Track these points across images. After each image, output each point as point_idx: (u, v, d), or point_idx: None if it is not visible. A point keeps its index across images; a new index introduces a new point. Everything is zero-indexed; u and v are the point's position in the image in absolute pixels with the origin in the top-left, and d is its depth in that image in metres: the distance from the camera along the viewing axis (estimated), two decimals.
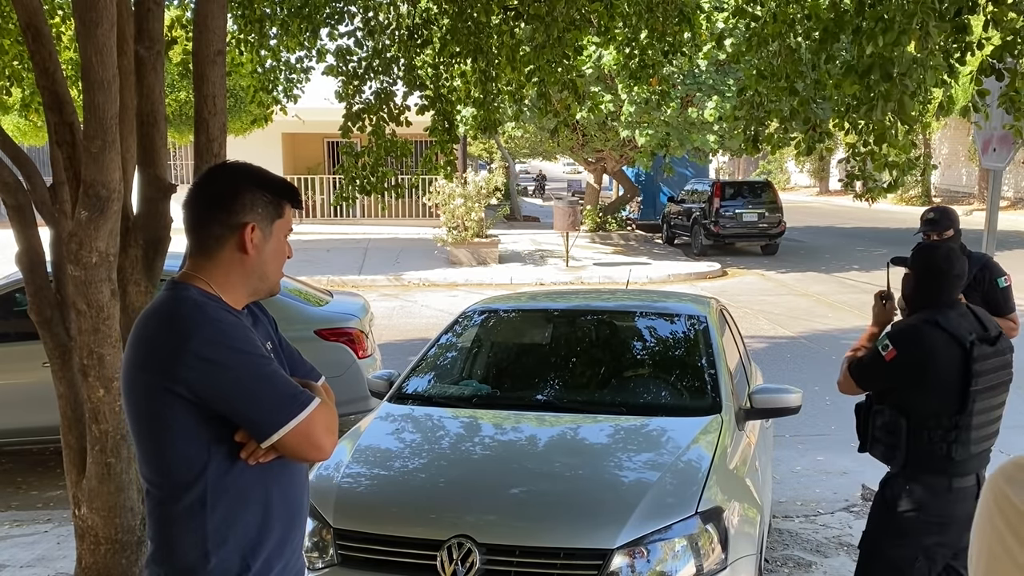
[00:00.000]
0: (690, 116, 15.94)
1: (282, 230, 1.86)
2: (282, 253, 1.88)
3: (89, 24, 2.77)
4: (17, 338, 5.87)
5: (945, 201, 30.58)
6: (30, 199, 3.46)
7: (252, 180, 1.85)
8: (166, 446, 1.75)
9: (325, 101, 7.23)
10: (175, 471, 1.76)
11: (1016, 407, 4.20)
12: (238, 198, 1.81)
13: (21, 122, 14.19)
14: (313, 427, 1.75)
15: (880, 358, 3.00)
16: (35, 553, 4.74)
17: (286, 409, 1.72)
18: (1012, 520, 0.95)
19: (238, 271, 1.82)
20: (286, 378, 1.76)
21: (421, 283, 14.84)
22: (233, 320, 1.76)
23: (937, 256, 3.09)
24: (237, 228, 1.79)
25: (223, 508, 1.76)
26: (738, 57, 5.53)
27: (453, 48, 6.05)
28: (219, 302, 1.78)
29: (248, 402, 1.71)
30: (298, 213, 10.53)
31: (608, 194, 28.03)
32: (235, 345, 1.72)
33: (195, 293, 1.77)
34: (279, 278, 1.90)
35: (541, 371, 4.34)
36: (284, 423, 1.71)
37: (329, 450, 1.80)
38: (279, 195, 1.85)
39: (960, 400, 2.92)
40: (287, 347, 2.02)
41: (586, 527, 2.85)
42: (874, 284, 12.36)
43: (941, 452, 2.94)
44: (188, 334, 1.69)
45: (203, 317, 1.72)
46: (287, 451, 1.76)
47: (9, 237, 3.52)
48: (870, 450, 3.18)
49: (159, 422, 1.74)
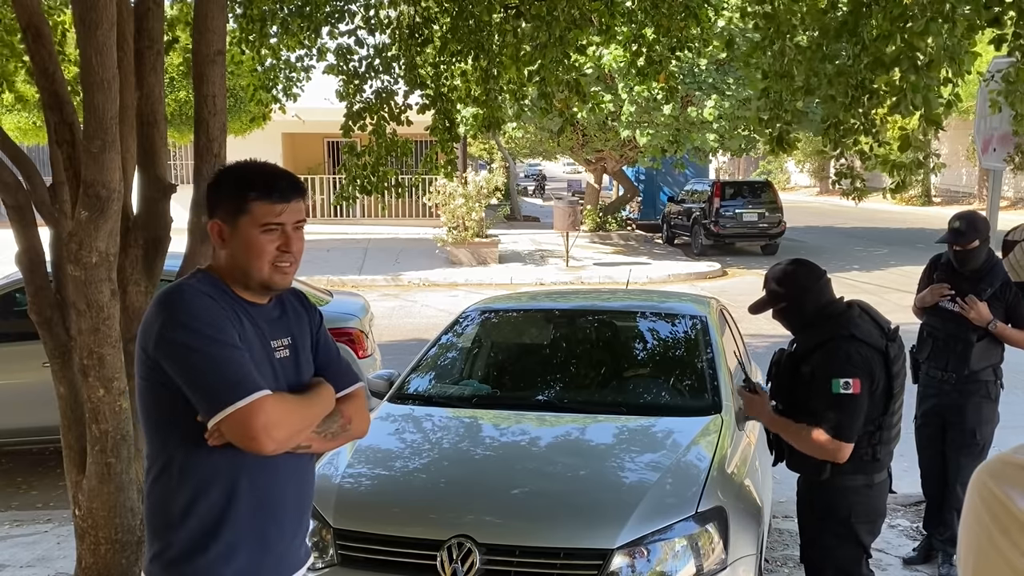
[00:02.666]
0: (690, 115, 15.94)
1: (251, 225, 1.86)
2: (257, 248, 1.87)
3: (89, 24, 2.77)
4: (17, 338, 5.86)
5: (945, 201, 30.59)
6: (30, 199, 3.46)
7: (225, 178, 1.94)
8: (148, 419, 1.90)
9: (325, 101, 7.25)
10: (153, 444, 1.91)
11: (1016, 407, 4.20)
12: (209, 196, 1.94)
13: (21, 122, 14.18)
14: (250, 418, 1.76)
15: (850, 397, 2.84)
16: (35, 553, 4.74)
17: (226, 395, 1.76)
18: (999, 516, 0.95)
19: (225, 263, 1.92)
20: (240, 366, 1.79)
21: (421, 283, 14.83)
22: (206, 304, 1.83)
23: (797, 275, 3.06)
24: (211, 225, 1.92)
25: (190, 486, 1.86)
26: (745, 59, 5.47)
27: (454, 47, 6.04)
28: (217, 288, 1.89)
29: (196, 382, 1.78)
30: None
31: (608, 194, 28.02)
32: (196, 327, 1.79)
33: (196, 279, 1.90)
34: (266, 273, 1.89)
35: (541, 371, 4.34)
36: (221, 408, 1.76)
37: (267, 445, 1.79)
38: (242, 190, 1.86)
39: (884, 403, 2.94)
40: (324, 348, 2.08)
41: (586, 527, 2.85)
42: (874, 284, 12.36)
43: (867, 456, 2.96)
44: (161, 314, 1.82)
45: (179, 300, 1.83)
46: (230, 438, 1.79)
47: (9, 237, 3.52)
48: (790, 464, 3.15)
49: (144, 395, 1.89)
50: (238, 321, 1.87)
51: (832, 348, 2.92)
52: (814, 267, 3.13)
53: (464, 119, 11.60)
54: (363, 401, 2.12)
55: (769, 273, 3.17)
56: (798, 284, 3.05)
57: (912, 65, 3.80)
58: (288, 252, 1.89)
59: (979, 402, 4.17)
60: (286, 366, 1.96)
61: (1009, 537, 0.93)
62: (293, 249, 1.90)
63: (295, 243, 1.91)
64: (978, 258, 4.08)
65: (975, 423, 4.16)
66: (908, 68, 3.81)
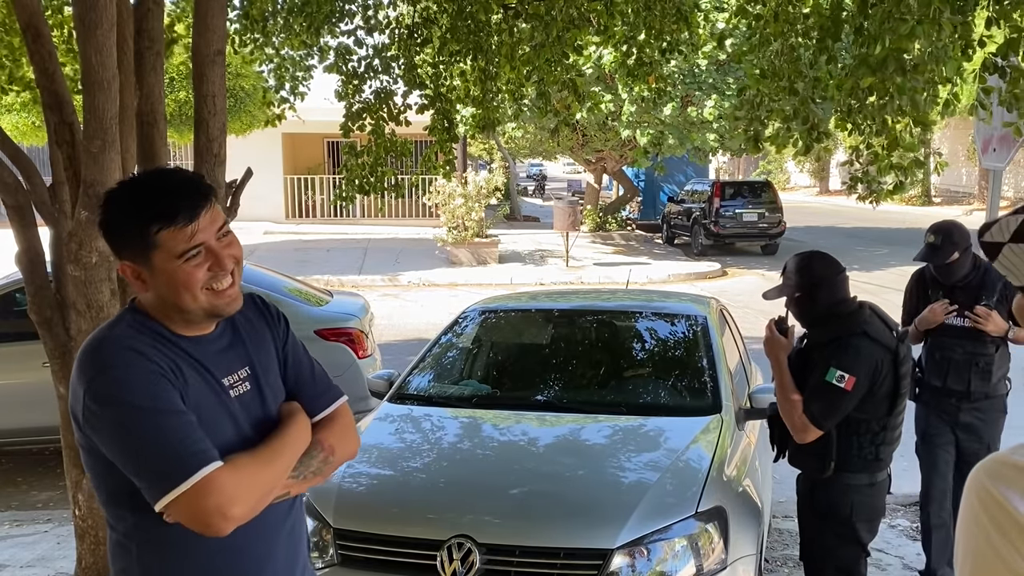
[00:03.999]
0: (690, 115, 15.94)
1: (168, 259, 1.56)
2: (184, 281, 1.57)
3: (89, 24, 2.77)
4: (17, 338, 5.87)
5: (945, 201, 30.57)
6: (30, 199, 3.45)
7: (115, 212, 1.60)
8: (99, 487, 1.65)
9: (325, 101, 7.23)
10: (108, 509, 1.66)
11: (1016, 407, 4.19)
12: (109, 235, 1.62)
13: (21, 122, 14.18)
14: (198, 500, 1.49)
15: (839, 390, 2.87)
16: (35, 553, 4.74)
17: (167, 476, 1.49)
18: (997, 516, 0.95)
19: (154, 300, 1.64)
20: (181, 438, 1.51)
21: (421, 283, 14.83)
22: (136, 366, 1.54)
23: (815, 265, 3.08)
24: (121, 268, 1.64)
25: (149, 555, 1.62)
26: (739, 57, 5.52)
27: (453, 47, 6.05)
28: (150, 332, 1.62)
29: (132, 465, 1.53)
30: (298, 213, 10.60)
31: (608, 194, 28.03)
32: (122, 397, 1.51)
33: (123, 325, 1.63)
34: (204, 302, 1.61)
35: (541, 371, 4.34)
36: (164, 493, 1.49)
37: (224, 527, 1.51)
38: (140, 224, 1.55)
39: (890, 404, 2.97)
40: (293, 365, 1.80)
41: (586, 527, 2.85)
42: (874, 284, 12.36)
43: (871, 456, 2.99)
44: (84, 381, 1.55)
45: (102, 364, 1.55)
46: (181, 522, 1.52)
47: (9, 237, 3.52)
48: (793, 462, 3.18)
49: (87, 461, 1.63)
50: (177, 371, 1.58)
51: (844, 343, 2.95)
52: (834, 261, 3.14)
53: (463, 119, 11.60)
54: (346, 419, 1.83)
55: (788, 261, 3.18)
56: (815, 274, 3.06)
57: (899, 67, 3.81)
58: (222, 270, 1.60)
59: (996, 417, 4.01)
60: (247, 402, 1.69)
61: (1007, 539, 0.93)
62: (227, 265, 1.61)
63: (226, 257, 1.61)
64: (961, 268, 3.89)
65: (990, 438, 3.99)
66: (895, 70, 3.82)
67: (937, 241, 3.87)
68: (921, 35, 3.68)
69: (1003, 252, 1.13)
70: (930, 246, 3.89)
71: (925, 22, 3.68)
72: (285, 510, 1.74)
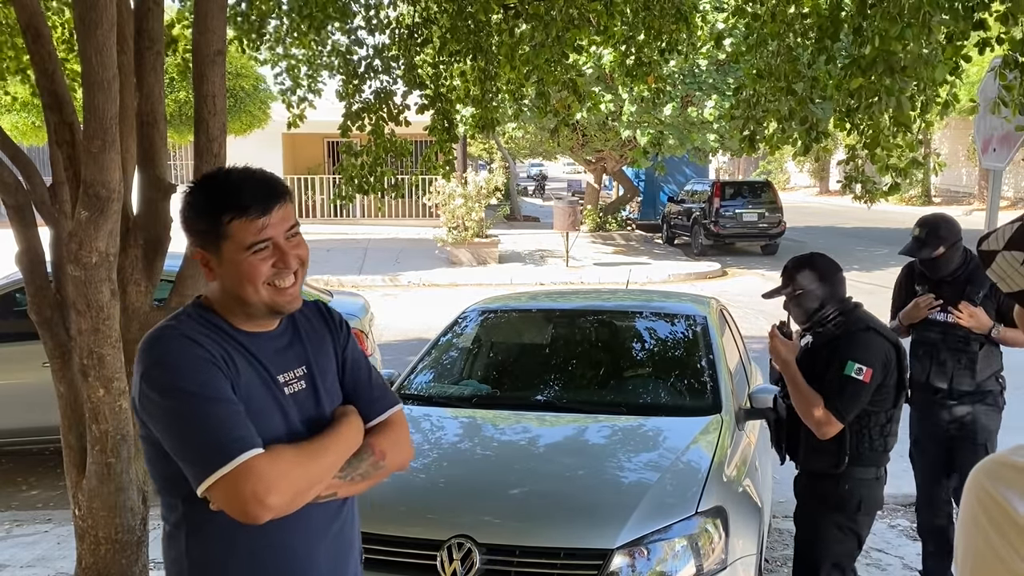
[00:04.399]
0: (690, 115, 15.94)
1: (236, 250, 1.62)
2: (248, 273, 1.63)
3: (89, 24, 2.77)
4: (17, 338, 5.87)
5: (945, 201, 30.57)
6: (30, 199, 3.45)
7: (192, 202, 1.68)
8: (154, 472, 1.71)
9: (325, 101, 7.22)
10: (162, 497, 1.72)
11: (1016, 407, 4.19)
12: (184, 224, 1.71)
13: (20, 122, 14.19)
14: (236, 485, 1.52)
15: (858, 383, 2.97)
16: (35, 553, 4.74)
17: (209, 460, 1.54)
18: (996, 517, 0.95)
19: (219, 292, 1.71)
20: (226, 424, 1.55)
21: (421, 283, 14.83)
22: (188, 354, 1.60)
23: (815, 263, 3.20)
24: (193, 253, 1.72)
25: (201, 550, 1.67)
26: (737, 57, 5.52)
27: (453, 47, 6.05)
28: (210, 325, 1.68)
29: (178, 448, 1.58)
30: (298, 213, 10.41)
31: (608, 194, 28.03)
32: (175, 383, 1.57)
33: (184, 317, 1.69)
34: (265, 297, 1.66)
35: (541, 371, 4.33)
36: (205, 476, 1.54)
37: (261, 515, 1.54)
38: (214, 213, 1.63)
39: (895, 396, 3.10)
40: (352, 370, 1.84)
41: (586, 527, 2.85)
42: (874, 284, 12.35)
43: (880, 447, 3.10)
44: (140, 368, 1.62)
45: (157, 351, 1.62)
46: (220, 507, 1.56)
47: (9, 237, 3.52)
48: (805, 463, 3.23)
49: (145, 446, 1.70)
50: (229, 362, 1.63)
51: (855, 338, 3.05)
52: (832, 261, 3.26)
53: (463, 119, 11.60)
54: (400, 426, 1.88)
55: (788, 262, 3.30)
56: (815, 271, 3.18)
57: (888, 68, 3.81)
58: (286, 268, 1.66)
59: (987, 412, 3.88)
60: (301, 400, 1.72)
61: (1007, 540, 0.93)
62: (291, 264, 1.66)
63: (292, 256, 1.66)
64: (949, 263, 3.81)
65: (985, 438, 3.86)
66: (884, 71, 3.82)
67: (922, 235, 3.82)
68: (910, 38, 3.68)
69: (996, 260, 1.13)
70: (915, 239, 3.84)
71: (914, 25, 3.68)
72: (333, 511, 1.77)
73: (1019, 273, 1.11)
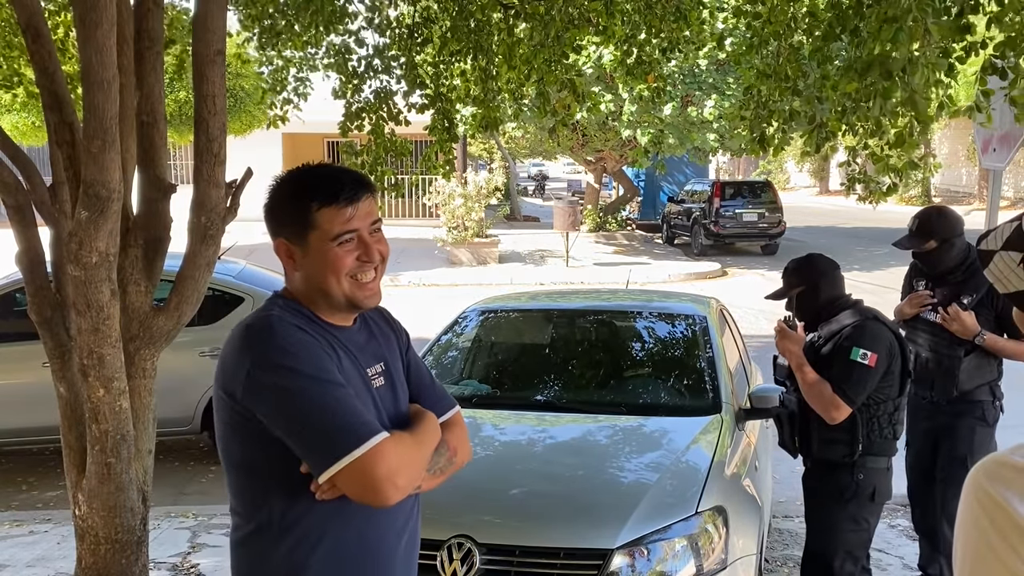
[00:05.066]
0: (690, 115, 15.94)
1: (323, 239, 1.63)
2: (333, 264, 1.64)
3: (89, 24, 2.77)
4: (17, 338, 5.87)
5: (945, 201, 30.57)
6: (30, 199, 3.45)
7: (280, 190, 1.71)
8: (240, 471, 1.69)
9: (325, 101, 7.22)
10: (244, 498, 1.69)
11: (1016, 407, 4.19)
12: (267, 215, 1.71)
13: (20, 122, 14.18)
14: (372, 467, 1.53)
15: (864, 367, 3.10)
16: (35, 553, 4.74)
17: (341, 443, 1.53)
18: (995, 517, 0.94)
19: (301, 284, 1.71)
20: (351, 408, 1.57)
21: (421, 283, 14.83)
22: (301, 340, 1.61)
23: (815, 261, 3.35)
24: (277, 244, 1.71)
25: (290, 547, 1.64)
26: (737, 58, 5.52)
27: (453, 46, 6.05)
28: (302, 316, 1.68)
29: (302, 433, 1.56)
30: None
31: (608, 194, 28.02)
32: (293, 367, 1.56)
33: (278, 308, 1.69)
34: (347, 289, 1.67)
35: (541, 371, 4.33)
36: (336, 459, 1.53)
37: (392, 496, 1.56)
38: (302, 200, 1.64)
39: (900, 384, 3.20)
40: (416, 370, 1.88)
41: (586, 527, 2.85)
42: (874, 284, 12.36)
43: (889, 435, 3.21)
44: (249, 354, 1.60)
45: (268, 336, 1.60)
46: (346, 492, 1.57)
47: (9, 237, 3.52)
48: (819, 453, 3.29)
49: (231, 444, 1.68)
50: (333, 353, 1.65)
51: (860, 327, 3.17)
52: (830, 260, 3.41)
53: (463, 119, 11.59)
54: (463, 426, 1.93)
55: (789, 263, 3.43)
56: (816, 269, 3.32)
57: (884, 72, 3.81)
58: (369, 262, 1.67)
59: (972, 424, 3.69)
60: (383, 396, 1.74)
61: (1006, 541, 0.92)
62: (374, 257, 1.67)
63: (375, 250, 1.67)
64: (944, 259, 3.68)
65: (967, 450, 3.66)
66: (880, 74, 3.82)
67: (913, 226, 3.73)
68: (904, 41, 3.68)
69: (993, 260, 1.12)
70: (907, 231, 3.77)
71: (908, 28, 3.68)
72: (409, 505, 1.78)
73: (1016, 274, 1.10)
